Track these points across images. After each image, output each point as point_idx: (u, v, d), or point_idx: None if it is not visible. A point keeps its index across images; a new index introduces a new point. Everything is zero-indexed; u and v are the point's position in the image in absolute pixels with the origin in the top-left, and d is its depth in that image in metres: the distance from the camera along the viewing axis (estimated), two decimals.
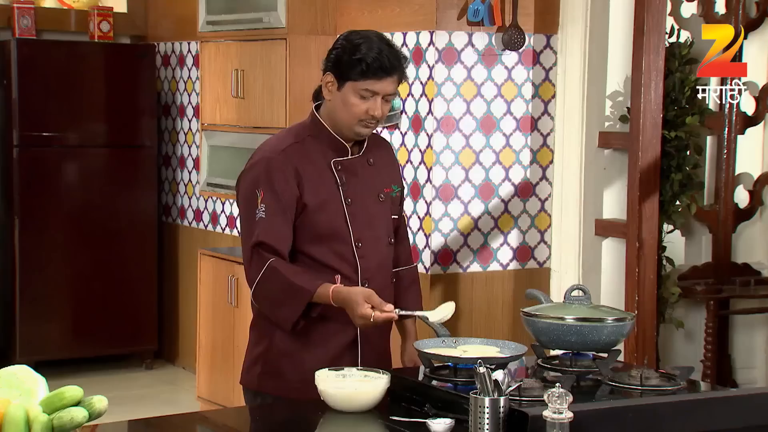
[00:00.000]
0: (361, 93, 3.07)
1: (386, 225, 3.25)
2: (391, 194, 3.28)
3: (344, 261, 3.14)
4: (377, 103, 3.08)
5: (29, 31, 6.80)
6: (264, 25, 5.76)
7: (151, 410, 5.73)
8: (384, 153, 3.32)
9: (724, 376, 5.49)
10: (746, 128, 5.58)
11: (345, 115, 3.11)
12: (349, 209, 3.15)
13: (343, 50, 3.09)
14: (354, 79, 3.06)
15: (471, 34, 5.06)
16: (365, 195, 3.20)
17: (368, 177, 3.21)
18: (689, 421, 2.68)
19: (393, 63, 3.07)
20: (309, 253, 3.13)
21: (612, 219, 5.18)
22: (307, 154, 3.14)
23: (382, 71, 3.05)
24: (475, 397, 2.47)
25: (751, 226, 5.75)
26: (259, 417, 2.96)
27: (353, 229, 3.15)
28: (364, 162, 3.22)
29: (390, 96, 3.11)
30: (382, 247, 3.23)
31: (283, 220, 3.09)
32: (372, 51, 3.05)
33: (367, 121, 3.11)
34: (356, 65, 3.05)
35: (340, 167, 3.16)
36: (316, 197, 3.12)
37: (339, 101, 3.11)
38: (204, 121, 6.30)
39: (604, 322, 2.95)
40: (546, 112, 5.25)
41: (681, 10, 5.41)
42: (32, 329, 6.63)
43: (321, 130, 3.17)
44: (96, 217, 6.82)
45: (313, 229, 3.12)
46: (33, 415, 2.40)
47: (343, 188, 3.15)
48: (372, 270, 3.18)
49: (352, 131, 3.14)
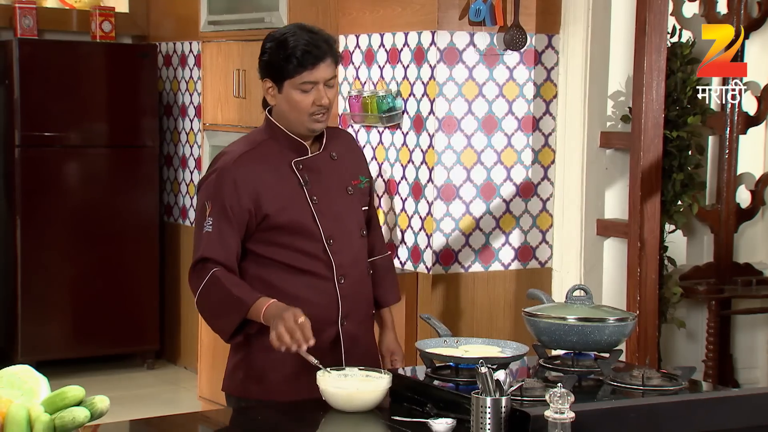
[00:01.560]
0: (302, 87, 3.06)
1: (357, 218, 3.22)
2: (359, 186, 3.24)
3: (317, 260, 3.11)
4: (321, 92, 3.07)
5: (31, 31, 6.80)
6: (265, 25, 5.76)
7: (152, 410, 5.73)
8: (346, 145, 3.28)
9: (726, 376, 5.49)
10: (748, 128, 5.58)
11: (294, 114, 3.09)
12: (316, 207, 3.11)
13: (271, 52, 3.08)
14: (290, 77, 3.05)
15: (473, 34, 5.06)
16: (332, 190, 3.17)
17: (333, 172, 3.18)
18: (691, 422, 2.68)
19: (322, 48, 3.06)
20: (279, 259, 3.10)
21: (614, 219, 5.18)
22: (264, 159, 3.12)
23: (314, 59, 3.04)
24: (477, 397, 2.47)
25: (753, 226, 5.75)
26: (260, 417, 2.96)
27: (323, 226, 3.11)
28: (327, 157, 3.19)
29: (331, 81, 3.09)
30: (354, 240, 3.20)
31: (230, 233, 3.06)
32: (299, 43, 3.04)
33: (317, 114, 3.08)
34: (288, 62, 3.04)
35: (302, 166, 3.14)
36: (277, 202, 3.09)
37: (284, 103, 3.10)
38: (205, 121, 6.30)
39: (605, 322, 2.95)
40: (548, 112, 5.25)
41: (683, 10, 5.41)
42: (34, 329, 6.63)
43: (276, 132, 3.15)
44: (98, 217, 6.82)
45: (279, 233, 3.09)
46: (35, 415, 2.40)
47: (307, 187, 3.12)
48: (347, 265, 3.15)
49: (305, 128, 3.11)
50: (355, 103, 5.42)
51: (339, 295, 3.13)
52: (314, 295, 3.11)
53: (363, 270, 3.23)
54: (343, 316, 3.15)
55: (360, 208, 3.25)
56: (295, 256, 3.10)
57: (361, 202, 3.25)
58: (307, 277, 3.10)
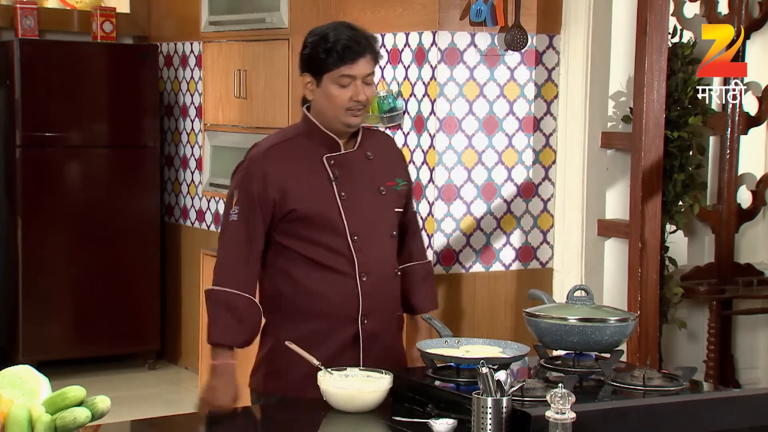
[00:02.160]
0: (340, 81, 3.08)
1: (388, 218, 3.23)
2: (395, 188, 3.26)
3: (340, 256, 3.13)
4: (358, 87, 3.09)
5: (32, 31, 6.80)
6: (267, 26, 5.76)
7: (153, 410, 5.73)
8: (386, 148, 3.31)
9: (727, 377, 5.49)
10: (749, 128, 5.58)
11: (331, 109, 3.11)
12: (343, 203, 3.13)
13: (312, 47, 3.11)
14: (329, 70, 3.07)
15: (473, 34, 5.06)
16: (362, 188, 3.18)
17: (366, 171, 3.20)
18: (692, 422, 2.68)
19: (362, 43, 3.09)
20: (302, 252, 3.13)
21: (615, 219, 5.18)
22: (294, 152, 3.15)
23: (354, 54, 3.07)
24: (478, 398, 2.47)
25: (754, 227, 5.75)
26: (261, 417, 2.96)
27: (348, 222, 3.13)
28: (362, 156, 3.20)
29: (369, 77, 3.11)
30: (382, 240, 3.21)
31: (254, 223, 3.11)
32: (340, 38, 3.07)
33: (354, 109, 3.10)
34: (328, 55, 3.06)
35: (333, 162, 3.16)
36: (304, 194, 3.11)
37: (322, 97, 3.12)
38: (206, 121, 6.30)
39: (606, 322, 2.95)
40: (549, 112, 5.25)
41: (684, 10, 5.41)
42: (35, 329, 6.64)
43: (312, 128, 3.17)
44: (99, 217, 6.82)
45: (304, 226, 3.12)
46: (36, 416, 2.40)
47: (337, 182, 3.14)
48: (370, 263, 3.16)
49: (341, 122, 3.13)
50: None
51: (360, 292, 3.14)
52: (333, 291, 3.13)
53: (389, 270, 3.23)
54: (363, 314, 3.16)
55: (393, 210, 3.25)
56: (318, 251, 3.12)
57: (395, 203, 3.25)
58: (327, 272, 3.13)
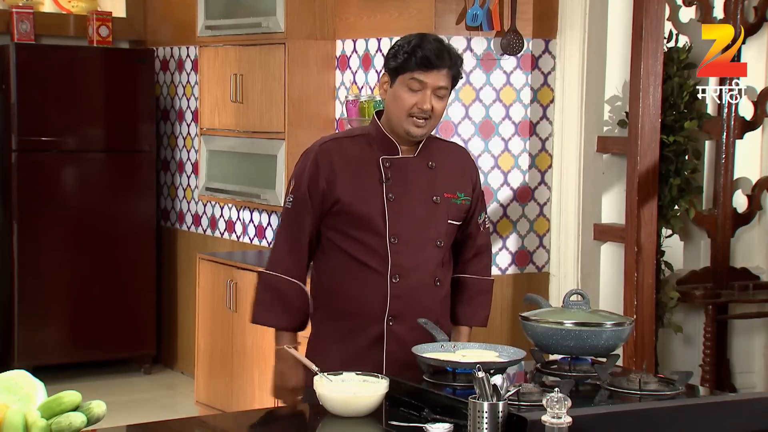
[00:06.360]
0: (410, 85, 3.10)
1: (436, 227, 3.22)
2: (454, 201, 3.25)
3: (375, 254, 3.15)
4: (427, 96, 3.10)
5: (28, 35, 6.80)
6: (263, 30, 5.76)
7: (149, 415, 5.73)
8: (456, 161, 3.30)
9: (723, 381, 5.49)
10: (744, 133, 5.59)
11: (396, 111, 3.14)
12: (389, 204, 3.15)
13: (398, 47, 3.14)
14: (404, 72, 3.10)
15: (469, 38, 5.06)
16: (415, 194, 3.19)
17: (423, 178, 3.20)
18: (688, 426, 2.68)
19: (444, 57, 3.11)
20: (342, 246, 3.17)
21: (610, 223, 5.19)
22: (353, 149, 3.20)
23: (431, 62, 3.08)
24: (474, 402, 2.47)
25: (750, 231, 5.76)
26: (257, 422, 2.96)
27: (390, 223, 3.14)
28: (423, 164, 3.21)
29: (441, 91, 3.12)
30: (425, 247, 3.20)
31: (305, 212, 3.19)
32: (425, 44, 3.10)
33: (417, 117, 3.11)
34: (408, 57, 3.09)
35: (389, 164, 3.18)
36: (352, 190, 3.15)
37: (391, 98, 3.15)
38: (203, 125, 6.30)
39: (602, 326, 2.95)
40: (544, 116, 5.26)
41: (679, 14, 5.42)
42: (31, 334, 6.63)
43: (375, 129, 3.21)
44: (95, 221, 6.82)
45: (347, 222, 3.16)
46: (31, 420, 2.40)
47: (387, 184, 3.16)
48: (406, 267, 3.16)
49: (403, 128, 3.14)
50: (352, 107, 5.43)
51: (390, 293, 3.15)
52: (363, 289, 3.16)
53: (426, 277, 3.21)
54: (390, 315, 3.16)
55: (445, 220, 3.23)
56: (356, 246, 3.16)
57: (449, 215, 3.24)
58: (361, 268, 3.16)
